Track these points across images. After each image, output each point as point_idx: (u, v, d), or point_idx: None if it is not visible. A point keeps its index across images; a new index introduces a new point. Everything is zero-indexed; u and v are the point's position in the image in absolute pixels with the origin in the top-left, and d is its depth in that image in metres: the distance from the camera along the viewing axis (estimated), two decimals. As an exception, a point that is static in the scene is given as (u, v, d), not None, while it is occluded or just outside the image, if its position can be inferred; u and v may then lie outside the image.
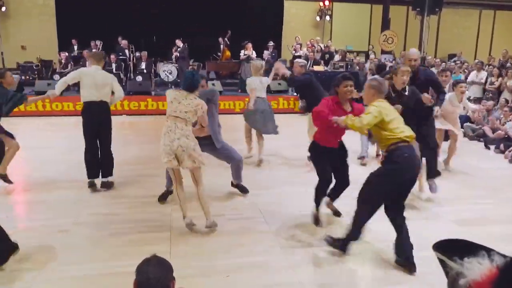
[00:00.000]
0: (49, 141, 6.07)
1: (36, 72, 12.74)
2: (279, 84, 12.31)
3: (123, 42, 13.41)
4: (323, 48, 14.56)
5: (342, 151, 4.27)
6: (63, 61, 12.73)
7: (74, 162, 6.39)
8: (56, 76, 12.10)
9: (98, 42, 13.49)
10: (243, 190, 5.06)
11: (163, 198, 4.83)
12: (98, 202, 4.81)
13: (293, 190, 5.26)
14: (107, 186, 5.19)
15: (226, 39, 13.77)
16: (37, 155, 6.47)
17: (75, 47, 13.64)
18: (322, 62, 13.48)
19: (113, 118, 10.55)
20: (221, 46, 13.89)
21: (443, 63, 12.34)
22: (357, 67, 13.28)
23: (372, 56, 14.06)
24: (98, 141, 5.19)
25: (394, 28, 14.71)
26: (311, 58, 13.07)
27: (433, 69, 10.64)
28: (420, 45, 15.05)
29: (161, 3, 14.67)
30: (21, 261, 3.47)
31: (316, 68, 12.79)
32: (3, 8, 14.91)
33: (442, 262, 1.29)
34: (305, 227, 4.24)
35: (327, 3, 17.02)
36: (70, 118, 10.70)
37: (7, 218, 4.25)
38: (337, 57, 14.22)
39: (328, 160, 4.16)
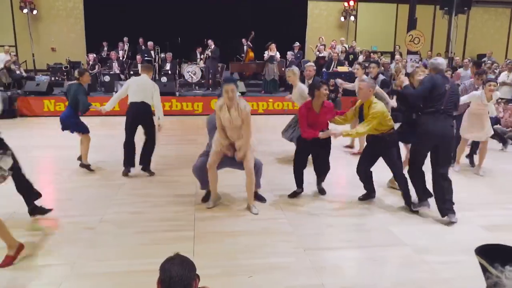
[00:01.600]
0: (77, 141, 6.23)
1: (65, 73, 13.09)
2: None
3: (149, 44, 13.64)
4: (347, 49, 14.42)
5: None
6: (90, 62, 13.04)
7: (101, 162, 6.55)
8: (84, 77, 12.41)
9: (125, 44, 13.76)
10: (260, 199, 4.88)
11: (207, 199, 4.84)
12: (123, 201, 4.89)
13: (317, 191, 5.22)
14: (149, 172, 5.89)
15: (249, 40, 13.81)
16: (66, 154, 6.63)
17: (105, 49, 13.95)
18: (346, 62, 13.35)
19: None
20: (245, 47, 13.94)
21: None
22: (382, 68, 13.08)
23: (397, 56, 13.82)
24: (134, 136, 5.91)
25: (420, 28, 14.40)
26: (334, 59, 12.97)
27: (461, 70, 10.39)
28: (447, 45, 14.73)
29: (186, 5, 14.83)
30: (50, 257, 3.58)
31: (340, 69, 12.68)
32: (35, 12, 15.40)
33: (483, 267, 1.25)
34: (328, 229, 4.21)
35: (351, 3, 16.84)
36: (97, 118, 10.96)
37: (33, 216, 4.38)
38: (361, 58, 14.05)
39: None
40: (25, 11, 15.14)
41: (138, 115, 5.77)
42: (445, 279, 3.32)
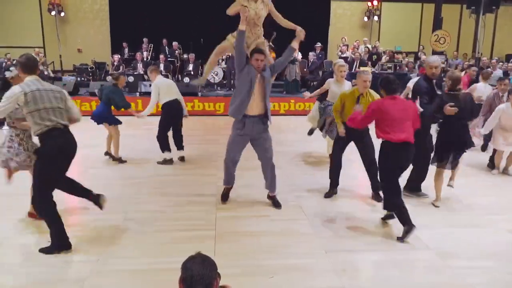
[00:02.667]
0: (101, 139, 6.37)
1: (90, 74, 13.38)
2: None
3: (174, 44, 13.80)
4: (370, 49, 14.25)
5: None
6: (115, 63, 13.29)
7: (124, 160, 6.66)
8: (108, 77, 12.65)
9: (147, 45, 13.97)
10: (277, 205, 4.75)
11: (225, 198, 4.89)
12: (146, 200, 4.96)
13: (339, 193, 5.18)
14: (182, 159, 6.67)
15: (271, 41, 13.80)
16: (92, 153, 6.78)
17: (126, 50, 14.20)
18: (369, 63, 13.19)
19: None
20: (266, 48, 13.93)
21: (500, 63, 11.68)
22: (406, 68, 12.88)
23: (423, 56, 13.57)
24: (171, 129, 6.68)
25: (446, 27, 14.11)
26: (356, 59, 12.84)
27: (488, 70, 10.11)
28: (474, 45, 14.37)
29: (208, 6, 14.93)
30: (75, 254, 3.66)
31: (362, 69, 12.54)
32: (62, 14, 15.80)
33: None
34: (350, 231, 4.16)
35: (375, 3, 16.62)
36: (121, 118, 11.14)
37: (60, 212, 4.49)
38: (384, 58, 13.86)
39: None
40: (53, 13, 15.55)
41: (178, 111, 6.56)
42: (470, 285, 3.24)
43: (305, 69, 13.65)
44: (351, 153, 5.40)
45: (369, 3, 16.73)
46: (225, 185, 4.89)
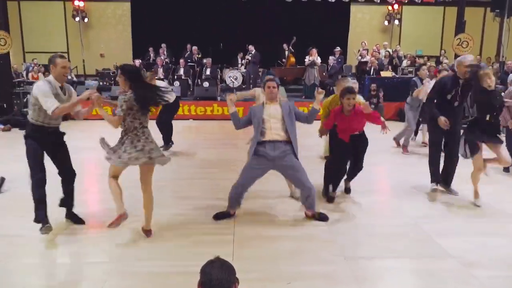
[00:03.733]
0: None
1: (112, 78, 13.62)
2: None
3: (194, 49, 13.94)
4: (391, 53, 14.09)
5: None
6: (136, 68, 13.48)
7: (144, 164, 6.73)
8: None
9: (166, 50, 14.17)
10: (323, 219, 4.47)
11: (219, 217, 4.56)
12: (165, 203, 4.99)
13: (360, 199, 5.12)
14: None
15: (291, 45, 13.80)
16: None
17: (151, 54, 14.41)
18: (389, 67, 13.05)
19: (180, 122, 11.03)
20: (286, 52, 13.94)
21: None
22: (428, 72, 12.67)
23: (445, 61, 13.36)
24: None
25: (469, 31, 13.83)
26: (373, 63, 12.72)
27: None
28: (498, 48, 14.05)
29: (228, 11, 15.05)
30: (95, 255, 3.71)
31: (383, 74, 12.42)
32: (86, 20, 16.17)
33: None
34: (370, 237, 4.10)
35: (396, 6, 16.44)
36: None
37: (80, 215, 4.58)
38: (405, 62, 13.68)
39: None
40: (77, 19, 15.93)
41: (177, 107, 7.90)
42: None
43: (324, 73, 13.61)
44: (371, 156, 5.34)
45: (390, 7, 16.56)
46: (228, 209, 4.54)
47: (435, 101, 5.14)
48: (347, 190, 5.35)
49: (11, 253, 3.68)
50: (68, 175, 4.31)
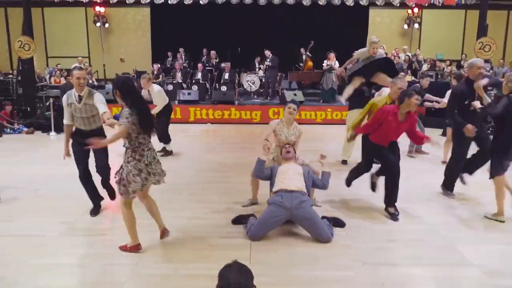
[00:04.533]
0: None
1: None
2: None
3: (212, 53, 14.04)
4: (410, 57, 13.93)
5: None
6: (155, 72, 13.68)
7: (162, 166, 6.79)
8: (149, 86, 13.03)
9: (184, 54, 14.33)
10: (340, 224, 4.40)
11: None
12: (182, 206, 5.04)
13: (378, 205, 5.05)
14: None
15: (308, 49, 13.77)
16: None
17: (170, 59, 14.60)
18: (409, 71, 12.89)
19: (198, 126, 11.14)
20: (303, 56, 13.92)
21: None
22: (450, 77, 12.47)
23: (465, 64, 13.12)
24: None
25: (491, 34, 13.56)
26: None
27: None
28: (522, 52, 13.73)
29: (245, 15, 15.11)
30: (114, 256, 3.76)
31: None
32: (106, 25, 16.49)
33: None
34: (389, 243, 4.05)
35: (416, 10, 16.25)
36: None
37: (102, 216, 4.64)
38: (425, 66, 13.50)
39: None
40: (98, 24, 16.26)
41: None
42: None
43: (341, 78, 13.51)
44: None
45: (409, 11, 16.38)
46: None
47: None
48: (374, 186, 5.16)
49: (32, 253, 3.76)
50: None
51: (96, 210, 4.75)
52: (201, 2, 13.67)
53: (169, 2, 13.51)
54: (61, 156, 4.68)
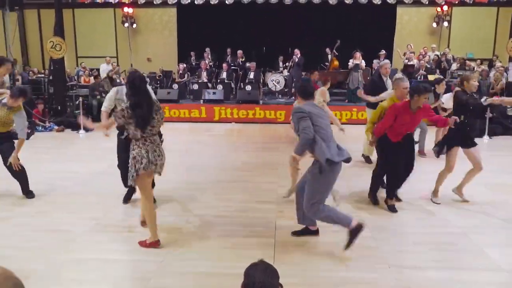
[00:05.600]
0: (166, 145, 6.63)
1: (158, 82, 14.05)
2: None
3: (238, 52, 14.12)
4: (439, 56, 13.61)
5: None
6: (180, 71, 13.86)
7: (187, 165, 6.90)
8: (175, 86, 13.22)
9: (210, 54, 14.45)
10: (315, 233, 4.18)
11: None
12: (207, 204, 5.09)
13: (404, 207, 4.97)
14: None
15: (334, 49, 13.65)
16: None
17: (193, 58, 14.76)
18: (437, 71, 12.60)
19: (223, 125, 11.21)
20: (329, 56, 13.81)
21: None
22: (481, 76, 12.13)
23: (498, 64, 12.73)
24: None
25: (525, 32, 13.13)
26: (422, 67, 12.32)
27: None
28: (558, 50, 13.18)
29: (271, 14, 15.11)
30: (140, 253, 3.83)
31: (430, 77, 12.00)
32: (134, 25, 16.81)
33: None
34: (415, 246, 3.97)
35: (445, 8, 15.84)
36: (186, 124, 11.58)
37: (128, 214, 4.74)
38: (454, 66, 13.17)
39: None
40: (126, 25, 16.59)
41: None
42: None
43: (368, 77, 13.34)
44: (421, 164, 5.16)
45: (438, 8, 15.98)
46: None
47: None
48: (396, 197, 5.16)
49: (61, 248, 3.88)
50: None
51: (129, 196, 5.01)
52: (227, 2, 13.76)
53: (195, 2, 13.66)
54: (90, 154, 4.82)
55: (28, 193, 5.26)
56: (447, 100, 6.92)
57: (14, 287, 0.94)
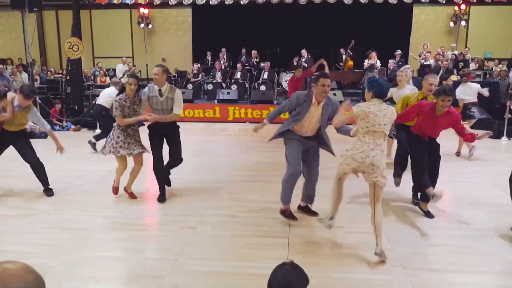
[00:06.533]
0: (188, 145, 6.71)
1: (173, 82, 14.14)
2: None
3: (253, 52, 14.13)
4: (457, 56, 13.40)
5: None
6: (195, 71, 13.93)
7: (201, 164, 6.93)
8: (189, 85, 13.29)
9: (226, 54, 14.49)
10: (313, 213, 4.65)
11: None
12: (221, 204, 5.10)
13: (419, 208, 4.90)
14: None
15: (349, 48, 13.56)
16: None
17: (209, 58, 14.82)
18: (455, 71, 12.41)
19: (237, 125, 11.22)
20: (343, 56, 13.72)
21: None
22: (499, 76, 11.91)
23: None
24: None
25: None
26: (444, 67, 12.13)
27: None
28: None
29: (284, 15, 15.08)
30: (154, 251, 3.87)
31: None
32: (150, 26, 16.97)
33: None
34: (432, 248, 3.91)
35: (463, 7, 15.59)
36: (201, 124, 11.63)
37: (143, 212, 4.78)
38: (472, 66, 12.95)
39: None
40: (141, 25, 16.75)
41: None
42: None
43: (384, 77, 13.21)
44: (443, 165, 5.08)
45: (456, 7, 15.74)
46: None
47: None
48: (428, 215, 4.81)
49: (76, 246, 3.93)
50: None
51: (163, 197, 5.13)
52: (241, 2, 13.77)
53: (210, 2, 13.70)
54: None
55: (47, 191, 5.37)
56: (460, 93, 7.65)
57: (35, 281, 0.96)
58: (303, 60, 13.17)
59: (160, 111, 4.92)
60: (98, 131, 10.21)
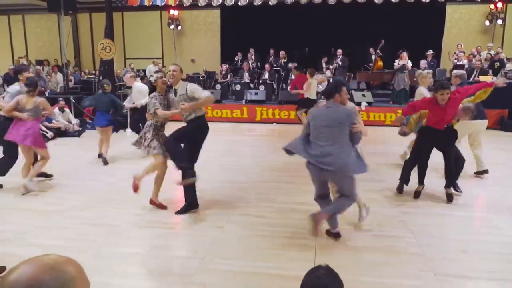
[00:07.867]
0: (208, 144, 6.74)
1: (201, 82, 14.30)
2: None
3: (281, 53, 14.12)
4: (492, 56, 12.94)
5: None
6: (223, 72, 14.03)
7: (229, 164, 6.96)
8: (218, 86, 13.40)
9: (254, 54, 14.52)
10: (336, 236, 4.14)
11: None
12: (248, 204, 5.11)
13: (453, 212, 4.76)
14: None
15: (378, 48, 13.33)
16: (209, 158, 7.10)
17: (239, 59, 14.92)
18: (490, 71, 11.99)
19: (264, 125, 11.19)
20: (373, 56, 13.51)
21: None
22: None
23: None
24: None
25: None
26: (477, 68, 11.75)
27: None
28: None
29: (313, 15, 14.97)
30: (183, 249, 3.92)
31: (482, 78, 11.43)
32: (179, 27, 17.22)
33: None
34: (464, 254, 3.79)
35: (499, 5, 15.04)
36: (228, 124, 11.71)
37: (172, 210, 4.85)
38: (509, 66, 12.47)
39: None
40: (171, 27, 17.03)
41: None
42: None
43: (415, 79, 12.91)
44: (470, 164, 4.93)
45: (492, 6, 15.20)
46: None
47: None
48: (449, 198, 5.07)
49: (108, 242, 4.03)
50: None
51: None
52: (270, 2, 13.77)
53: (239, 3, 13.77)
54: (135, 151, 5.01)
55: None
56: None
57: (75, 271, 1.08)
58: (339, 59, 13.08)
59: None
60: (129, 130, 10.45)
